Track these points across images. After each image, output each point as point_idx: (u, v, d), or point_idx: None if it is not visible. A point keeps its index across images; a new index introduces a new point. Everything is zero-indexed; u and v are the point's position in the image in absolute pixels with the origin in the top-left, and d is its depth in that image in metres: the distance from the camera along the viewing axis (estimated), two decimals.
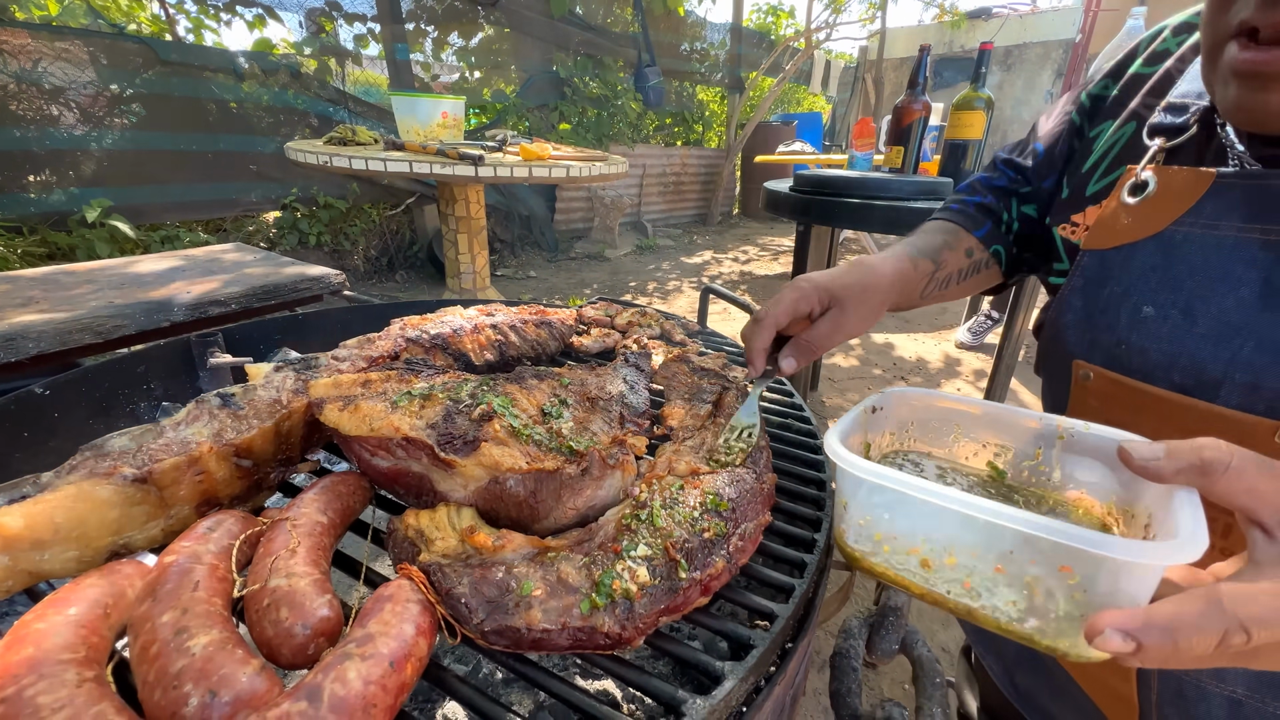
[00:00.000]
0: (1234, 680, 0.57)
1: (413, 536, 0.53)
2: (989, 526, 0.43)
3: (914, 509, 0.47)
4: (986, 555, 0.44)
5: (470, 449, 0.56)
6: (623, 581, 0.48)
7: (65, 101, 3.48)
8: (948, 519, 0.45)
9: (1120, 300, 0.60)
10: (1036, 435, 0.57)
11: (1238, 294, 0.53)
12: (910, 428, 0.65)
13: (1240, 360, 0.52)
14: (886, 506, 0.49)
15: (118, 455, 0.53)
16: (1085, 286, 0.64)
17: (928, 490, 0.45)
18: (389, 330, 0.85)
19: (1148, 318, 0.58)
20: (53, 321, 1.08)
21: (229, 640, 0.41)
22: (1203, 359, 0.54)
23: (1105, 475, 0.52)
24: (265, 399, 0.64)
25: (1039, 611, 0.43)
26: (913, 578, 0.48)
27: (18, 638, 0.40)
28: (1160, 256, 0.57)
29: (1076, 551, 0.39)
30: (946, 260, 0.81)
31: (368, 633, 0.42)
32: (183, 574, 0.46)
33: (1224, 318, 0.53)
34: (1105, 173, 0.68)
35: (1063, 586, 0.41)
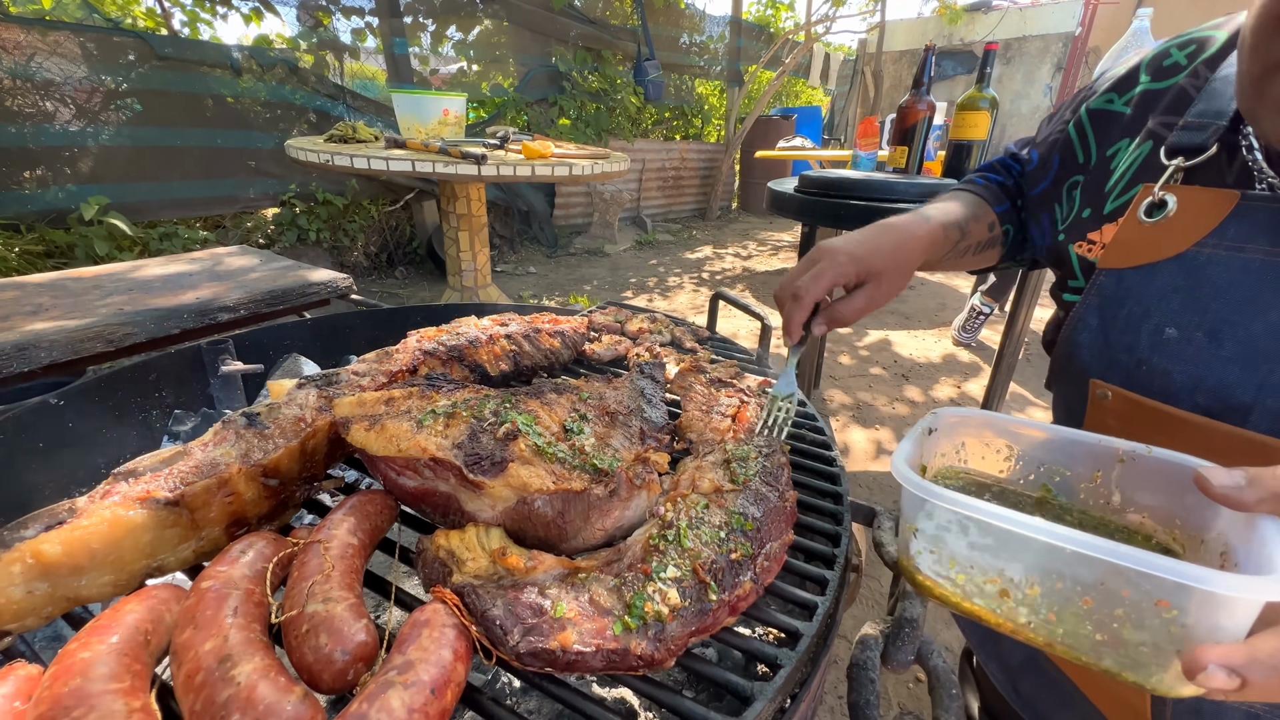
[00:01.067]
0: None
1: (443, 557, 0.54)
2: (1078, 558, 0.41)
3: (992, 538, 0.46)
4: (1074, 587, 0.42)
5: (498, 470, 0.57)
6: (654, 604, 0.48)
7: (61, 97, 3.44)
8: (1032, 549, 0.44)
9: (1141, 320, 0.60)
10: (1094, 457, 0.55)
11: (1267, 318, 0.52)
12: (962, 448, 0.63)
13: (1271, 385, 0.52)
14: (963, 532, 0.47)
15: (149, 479, 0.54)
16: (1103, 305, 0.64)
17: (1013, 520, 0.43)
18: (405, 343, 0.86)
19: (1170, 339, 0.57)
20: (64, 330, 1.08)
21: (271, 667, 0.42)
22: (1230, 383, 0.54)
23: (1168, 499, 0.51)
24: (290, 417, 0.65)
25: (1127, 645, 0.41)
26: (989, 607, 0.46)
27: (64, 668, 0.40)
28: (1183, 278, 0.57)
29: (1176, 586, 0.38)
30: (972, 231, 0.82)
31: (408, 659, 0.43)
32: (220, 600, 0.46)
33: (1253, 342, 0.53)
34: (1122, 191, 0.68)
35: (1158, 620, 0.40)
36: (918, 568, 0.51)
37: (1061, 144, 0.78)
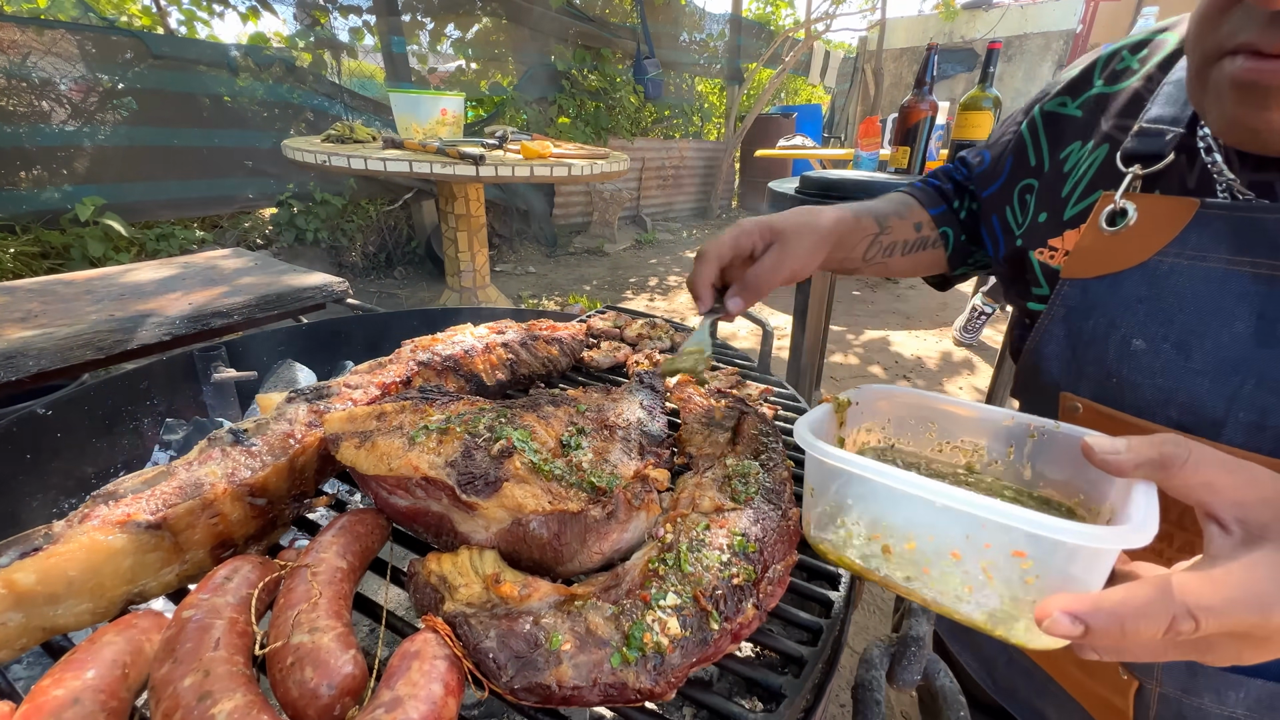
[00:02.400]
0: (1235, 703, 0.57)
1: (435, 583, 0.52)
2: (946, 511, 0.43)
3: (876, 495, 0.48)
4: (943, 540, 0.44)
5: (492, 490, 0.55)
6: (654, 634, 0.46)
7: (56, 97, 3.42)
8: (908, 504, 0.46)
9: (1108, 332, 0.59)
10: (1009, 433, 0.57)
11: (1232, 329, 0.51)
12: (887, 425, 0.66)
13: (1242, 398, 0.51)
14: (851, 494, 0.50)
15: (130, 501, 0.52)
16: (1068, 316, 0.63)
17: (889, 475, 0.45)
18: (399, 354, 0.84)
19: (1138, 351, 0.56)
20: (53, 337, 1.06)
21: (254, 704, 0.40)
22: (1201, 396, 0.53)
23: (1074, 473, 0.53)
24: (278, 434, 0.63)
25: (992, 598, 0.43)
26: (873, 565, 0.49)
27: (36, 707, 0.39)
28: (1147, 288, 0.56)
29: (1030, 535, 0.40)
30: (893, 227, 0.83)
31: (396, 695, 0.41)
32: (202, 631, 0.44)
33: (1220, 354, 0.52)
34: (1081, 197, 0.66)
35: (1016, 571, 0.42)
36: (813, 527, 0.53)
37: (1014, 146, 0.77)
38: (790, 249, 0.70)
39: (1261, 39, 0.43)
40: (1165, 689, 0.61)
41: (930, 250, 0.86)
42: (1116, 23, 8.26)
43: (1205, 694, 0.58)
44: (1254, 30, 0.43)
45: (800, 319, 2.44)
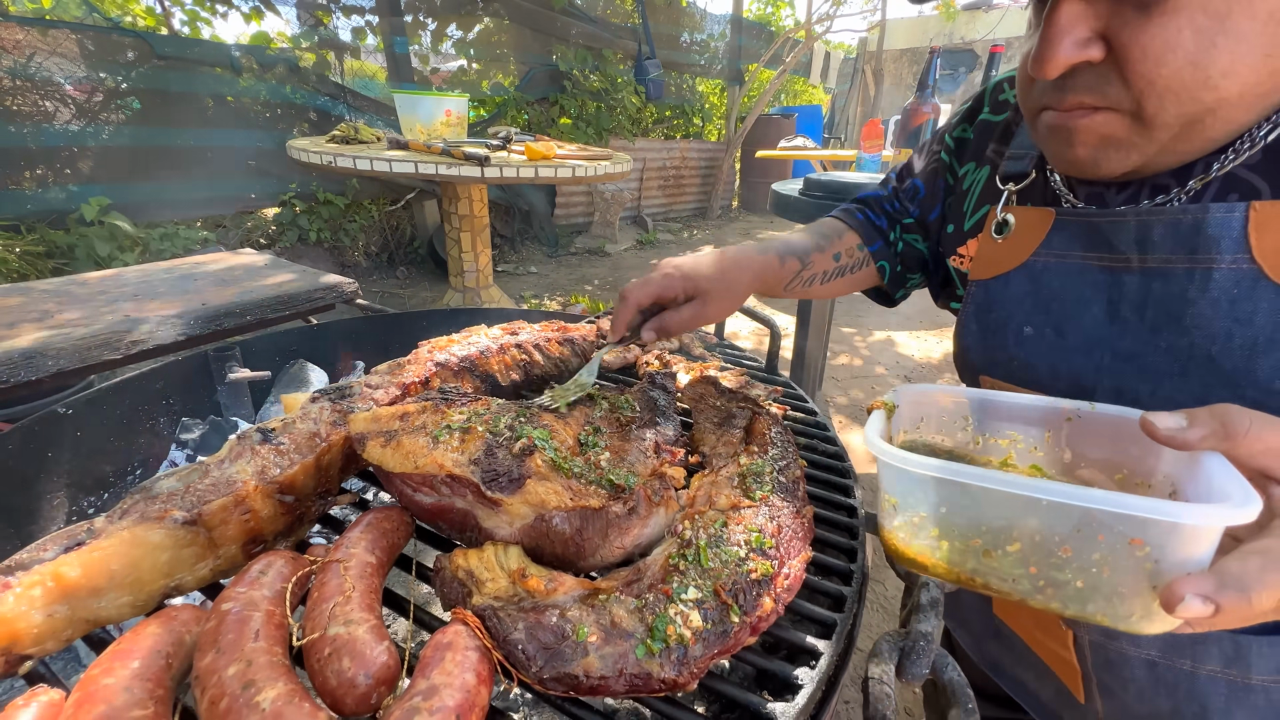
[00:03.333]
0: (1146, 644, 0.63)
1: (462, 578, 0.54)
2: (1053, 508, 0.42)
3: (974, 499, 0.47)
4: (1051, 538, 0.44)
5: (515, 486, 0.57)
6: (676, 626, 0.48)
7: (61, 97, 3.43)
8: (1008, 505, 0.45)
9: (1005, 322, 0.68)
10: (1043, 419, 0.59)
11: (1091, 312, 0.61)
12: (922, 423, 0.66)
13: (1104, 368, 0.60)
14: (943, 501, 0.48)
15: (167, 498, 0.53)
16: (977, 312, 0.72)
17: (991, 478, 0.44)
18: (417, 354, 0.85)
19: (1029, 336, 0.66)
20: (71, 338, 1.08)
21: (295, 692, 0.42)
22: (1077, 369, 0.62)
23: (1113, 451, 0.54)
24: (304, 432, 0.65)
25: (1106, 589, 0.43)
26: (973, 571, 0.48)
27: (87, 694, 0.40)
28: (1029, 284, 0.66)
29: (1147, 521, 0.39)
30: (814, 261, 0.90)
31: (432, 684, 0.43)
32: (242, 623, 0.46)
33: (1085, 333, 0.61)
34: (974, 210, 0.78)
35: (1133, 560, 0.41)
36: (900, 539, 0.52)
37: (943, 169, 0.87)
38: (709, 307, 0.78)
39: (1050, 99, 0.54)
40: (1092, 636, 0.66)
41: (853, 274, 0.94)
42: None
43: (1121, 638, 0.64)
44: (1049, 94, 0.54)
45: (804, 320, 2.45)
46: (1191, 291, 0.54)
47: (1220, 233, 0.52)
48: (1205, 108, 0.48)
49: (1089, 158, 0.54)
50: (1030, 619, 0.76)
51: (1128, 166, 0.54)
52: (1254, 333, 0.51)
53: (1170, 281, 0.55)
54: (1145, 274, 0.57)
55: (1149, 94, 0.48)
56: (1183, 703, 0.62)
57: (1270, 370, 0.50)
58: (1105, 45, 0.49)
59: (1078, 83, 0.51)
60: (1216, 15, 0.44)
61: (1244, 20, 0.44)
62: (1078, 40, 0.49)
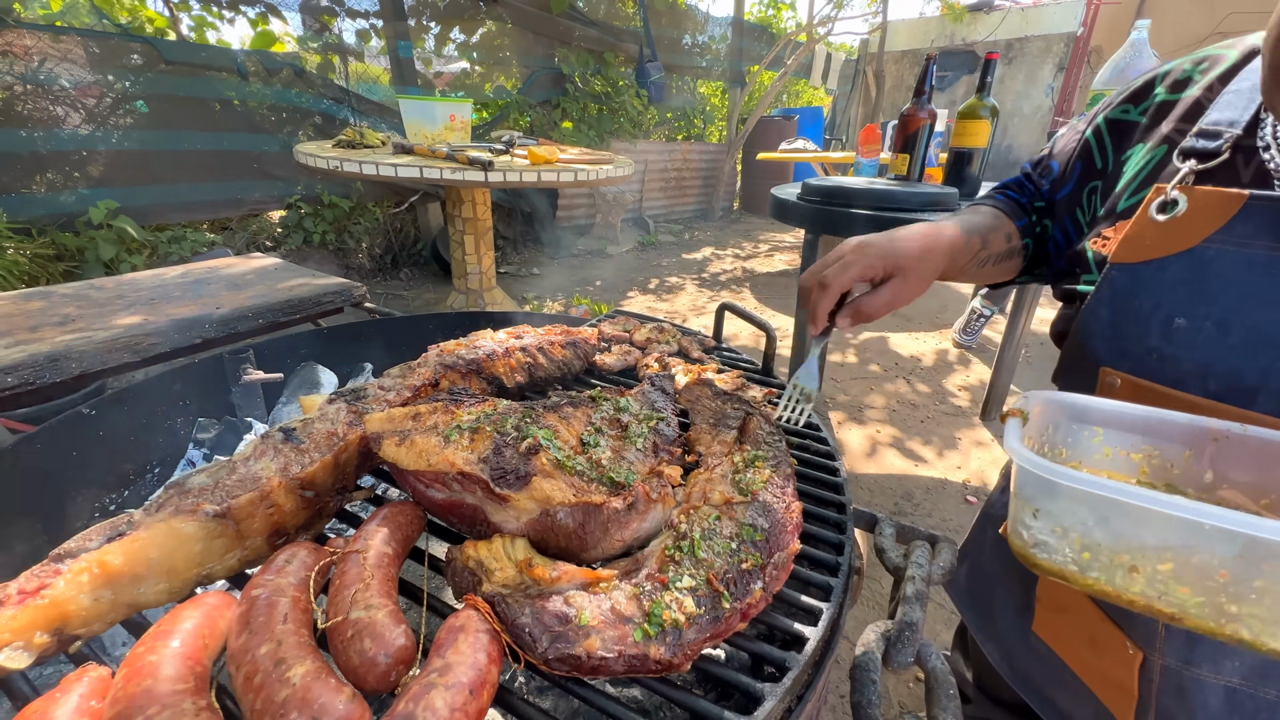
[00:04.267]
0: (1230, 671, 0.61)
1: (473, 567, 0.58)
2: (1218, 532, 0.42)
3: (1124, 516, 0.46)
4: (1209, 560, 0.43)
5: (522, 483, 0.61)
6: (672, 612, 0.52)
7: (70, 102, 3.48)
8: (1165, 525, 0.44)
9: (1151, 312, 0.63)
10: (1185, 437, 0.57)
11: (1270, 309, 0.56)
12: (1048, 430, 0.64)
13: (1275, 370, 0.56)
14: (1093, 515, 0.48)
15: (198, 493, 0.57)
16: (1114, 298, 0.67)
17: (1150, 499, 0.44)
18: (426, 357, 0.89)
19: (1180, 329, 0.61)
20: (92, 341, 1.12)
21: (322, 670, 0.46)
22: (1238, 369, 0.58)
23: (1260, 475, 0.52)
24: (323, 432, 0.69)
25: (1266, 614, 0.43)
26: (1117, 585, 0.48)
27: (134, 670, 0.44)
28: (1191, 272, 0.61)
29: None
30: (991, 241, 0.86)
31: (446, 662, 0.47)
32: (270, 607, 0.50)
33: (1258, 331, 0.56)
34: (1135, 191, 0.72)
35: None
36: (1036, 548, 0.51)
37: (1081, 151, 0.83)
38: (910, 284, 0.72)
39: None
40: (1167, 660, 0.64)
41: (1013, 260, 0.90)
42: (1117, 26, 8.30)
43: (1204, 664, 0.62)
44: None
45: (801, 320, 2.49)
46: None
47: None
48: None
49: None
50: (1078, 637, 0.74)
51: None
52: None
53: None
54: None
55: None
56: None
57: None
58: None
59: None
60: None
61: None
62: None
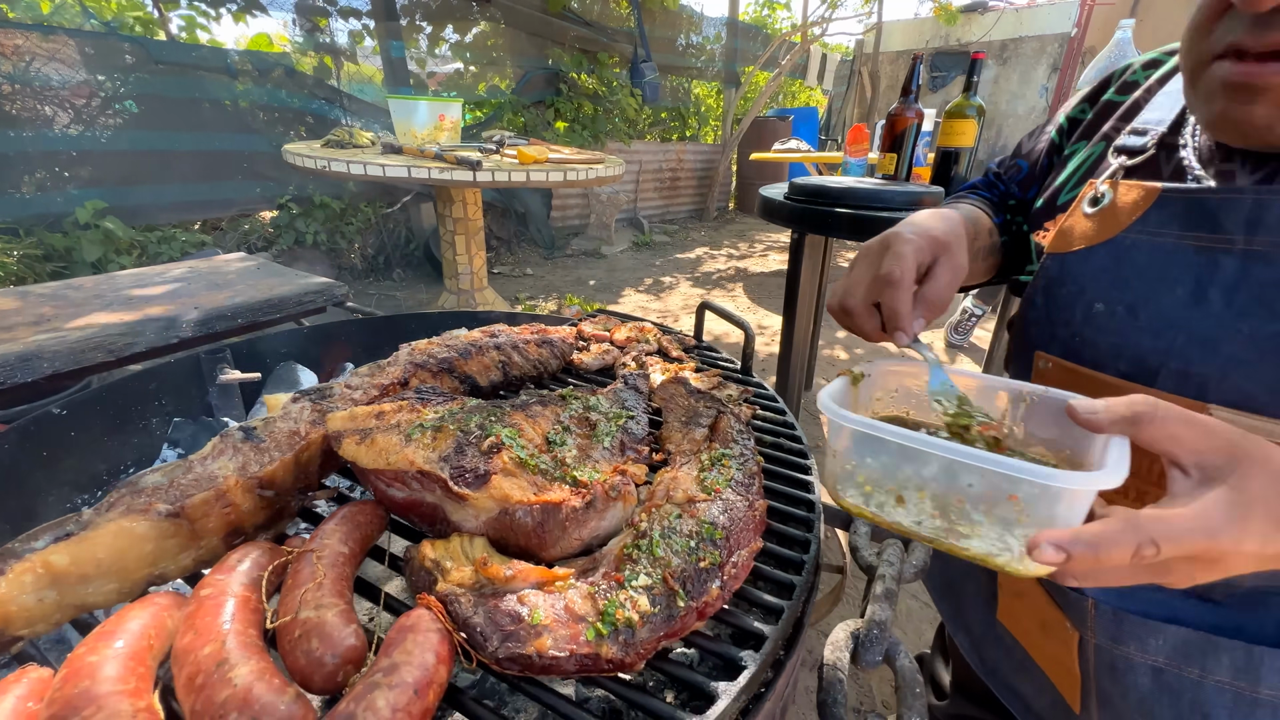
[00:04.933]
0: (1156, 650, 0.63)
1: (429, 566, 0.57)
2: (952, 464, 0.50)
3: (891, 452, 0.55)
4: (950, 489, 0.51)
5: (481, 482, 0.60)
6: (625, 610, 0.52)
7: (59, 102, 3.47)
8: (920, 460, 0.53)
9: (1076, 298, 0.67)
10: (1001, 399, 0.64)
11: (1173, 293, 0.60)
12: (895, 394, 0.71)
13: (1174, 351, 0.59)
14: (869, 452, 0.56)
15: (152, 491, 0.57)
16: (1047, 285, 0.71)
17: (903, 435, 0.51)
18: (397, 356, 0.89)
19: (1099, 313, 0.65)
20: (66, 341, 1.11)
21: (266, 670, 0.45)
22: (1144, 349, 0.61)
23: (1060, 432, 0.58)
24: (284, 430, 0.68)
25: (990, 535, 0.50)
26: (885, 512, 0.56)
27: (74, 671, 0.44)
28: (1111, 260, 0.65)
29: (1021, 481, 0.47)
30: (980, 232, 0.86)
31: (393, 662, 0.46)
32: (218, 607, 0.50)
33: (1162, 314, 0.60)
34: (1074, 186, 0.75)
35: (1011, 512, 0.49)
36: (835, 486, 0.59)
37: (1049, 150, 0.86)
38: (956, 259, 0.67)
39: (1247, 38, 0.50)
40: (1099, 640, 0.66)
41: (994, 257, 0.89)
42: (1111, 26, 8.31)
43: (1130, 642, 0.64)
44: (1240, 31, 0.50)
45: (790, 318, 2.49)
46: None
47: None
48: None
49: (1265, 119, 0.51)
50: (1032, 621, 0.76)
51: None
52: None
53: (1272, 266, 0.54)
54: (1247, 256, 0.55)
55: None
56: (1185, 713, 0.62)
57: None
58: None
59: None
60: None
61: None
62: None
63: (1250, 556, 0.40)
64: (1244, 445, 0.42)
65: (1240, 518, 0.39)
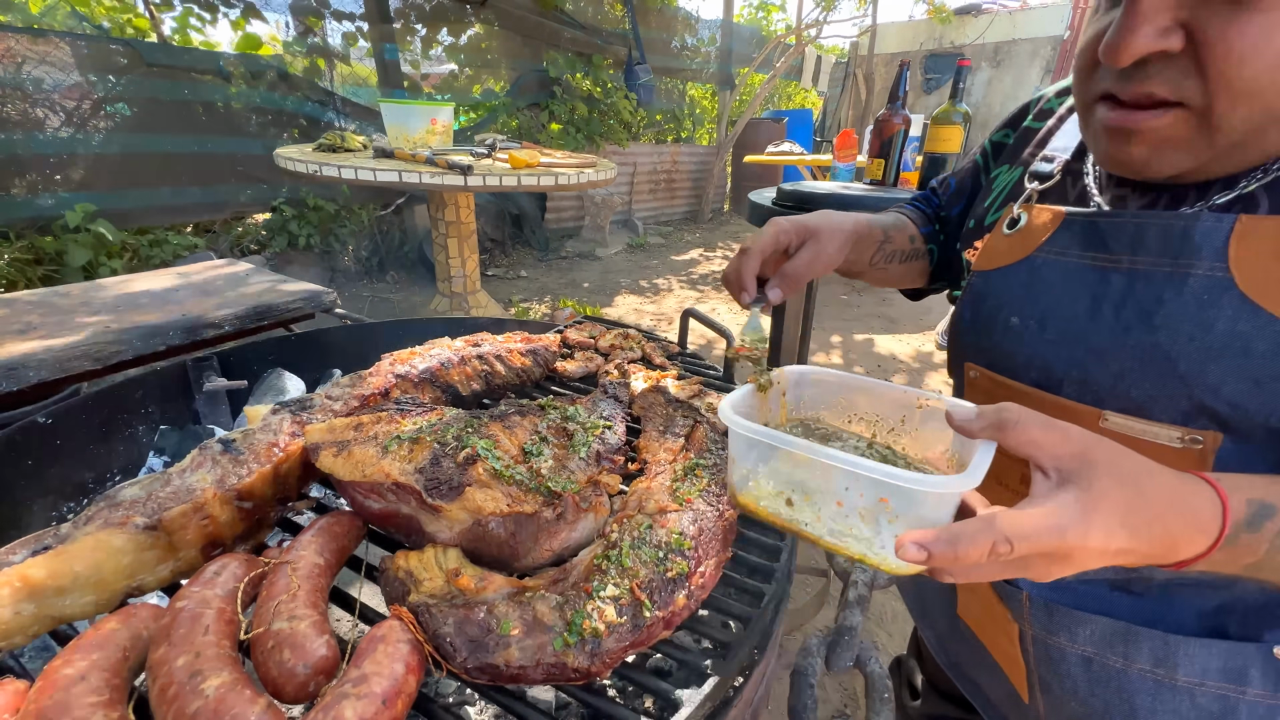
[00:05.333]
0: (1084, 640, 0.67)
1: (403, 577, 0.58)
2: (830, 469, 0.53)
3: (777, 458, 0.58)
4: (830, 493, 0.54)
5: (455, 494, 0.61)
6: (592, 621, 0.53)
7: (50, 105, 3.46)
8: (805, 466, 0.56)
9: (997, 312, 0.72)
10: (901, 406, 0.67)
11: (1075, 308, 0.64)
12: (803, 401, 0.73)
13: (1075, 361, 0.64)
14: (761, 458, 0.59)
15: (129, 505, 0.58)
16: (973, 300, 0.76)
17: (784, 440, 0.54)
18: (379, 367, 0.90)
19: (1014, 327, 0.70)
20: (52, 349, 1.12)
21: (238, 681, 0.46)
22: (1050, 360, 0.66)
23: (950, 438, 0.61)
24: (263, 443, 0.69)
25: (866, 535, 0.52)
26: (781, 516, 0.58)
27: (49, 683, 0.45)
28: (1025, 277, 0.70)
29: (890, 486, 0.49)
30: (894, 237, 0.93)
31: (362, 673, 0.47)
32: (193, 619, 0.51)
33: (1065, 327, 0.65)
34: (998, 208, 0.81)
35: (884, 514, 0.51)
36: (735, 487, 0.61)
37: (973, 171, 0.92)
38: (823, 246, 0.78)
39: (1116, 88, 0.54)
40: (1035, 630, 0.70)
41: (918, 261, 0.97)
42: None
43: (1061, 633, 0.68)
44: (1110, 81, 0.54)
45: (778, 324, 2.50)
46: (1167, 294, 0.57)
47: (1205, 240, 0.54)
48: (1275, 116, 0.49)
49: (1142, 158, 0.55)
50: (984, 615, 0.80)
51: (1178, 169, 0.55)
52: (1211, 339, 0.54)
53: (1151, 283, 0.58)
54: (1131, 274, 0.60)
55: (1223, 94, 0.48)
56: (1113, 700, 0.66)
57: (1218, 376, 0.54)
58: (1185, 36, 0.48)
59: (1149, 72, 0.51)
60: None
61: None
62: (1159, 28, 0.48)
63: (1096, 551, 0.42)
64: (1096, 450, 0.45)
65: (1085, 517, 0.42)
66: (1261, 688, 0.59)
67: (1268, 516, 0.46)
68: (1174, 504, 0.45)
